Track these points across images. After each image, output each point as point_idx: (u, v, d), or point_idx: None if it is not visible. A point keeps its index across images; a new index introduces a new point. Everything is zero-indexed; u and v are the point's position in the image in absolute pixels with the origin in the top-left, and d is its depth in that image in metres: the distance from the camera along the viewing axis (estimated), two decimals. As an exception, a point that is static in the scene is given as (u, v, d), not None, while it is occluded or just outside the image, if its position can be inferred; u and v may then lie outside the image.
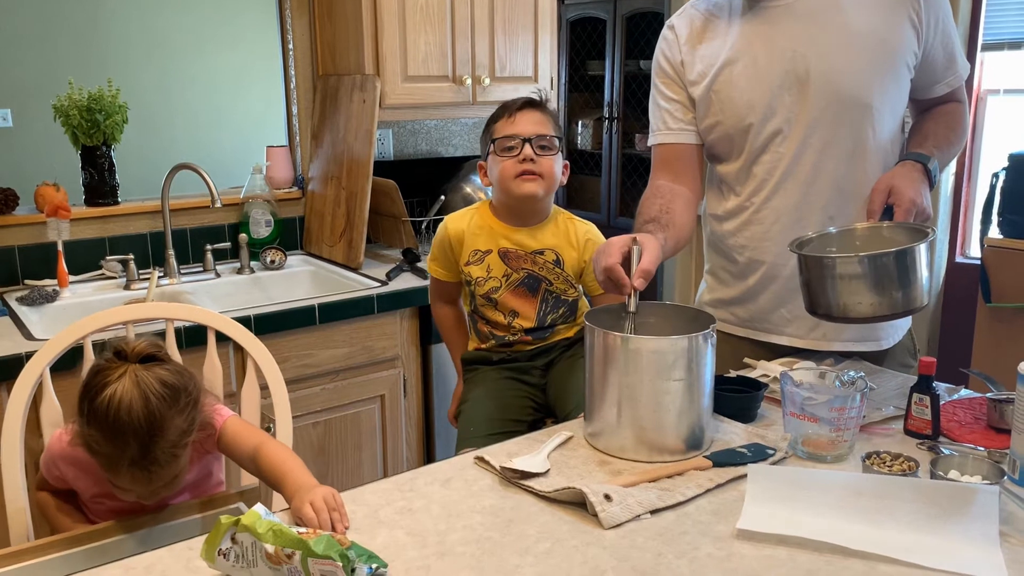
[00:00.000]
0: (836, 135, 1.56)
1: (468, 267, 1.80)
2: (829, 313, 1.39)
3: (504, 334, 1.82)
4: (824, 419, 1.29)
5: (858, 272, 1.33)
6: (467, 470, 1.30)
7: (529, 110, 1.75)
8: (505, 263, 1.78)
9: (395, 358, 2.42)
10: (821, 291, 1.38)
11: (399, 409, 2.44)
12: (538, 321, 1.79)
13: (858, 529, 1.10)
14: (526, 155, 1.71)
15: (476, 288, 1.80)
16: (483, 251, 1.80)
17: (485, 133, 1.81)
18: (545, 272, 1.78)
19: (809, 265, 1.40)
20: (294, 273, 2.70)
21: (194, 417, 1.29)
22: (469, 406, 1.79)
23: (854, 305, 1.35)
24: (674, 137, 1.69)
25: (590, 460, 1.33)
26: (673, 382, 1.29)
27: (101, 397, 1.21)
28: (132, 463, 1.22)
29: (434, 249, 1.88)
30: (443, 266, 1.88)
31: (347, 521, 1.14)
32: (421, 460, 2.52)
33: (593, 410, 1.37)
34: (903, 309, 1.35)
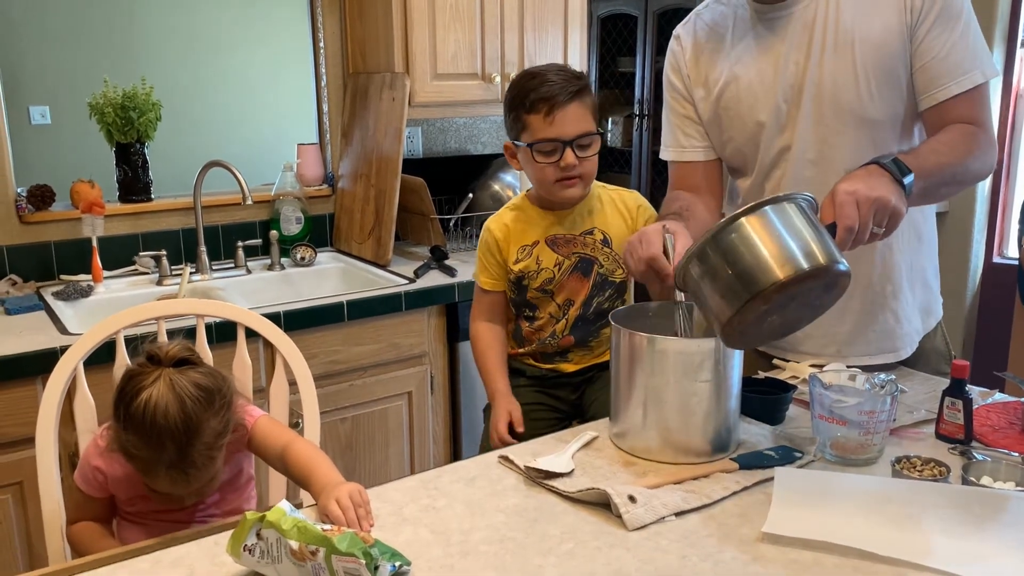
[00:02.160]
0: (842, 150, 1.52)
1: (518, 264, 1.72)
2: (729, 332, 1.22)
3: (548, 335, 1.73)
4: (853, 422, 1.28)
5: (699, 273, 1.23)
6: (491, 469, 1.31)
7: (568, 105, 1.59)
8: (554, 250, 1.71)
9: (422, 355, 2.42)
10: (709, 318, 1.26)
11: (426, 406, 2.45)
12: (584, 307, 1.72)
13: (886, 534, 1.08)
14: (568, 162, 1.60)
15: (530, 282, 1.71)
16: (530, 244, 1.72)
17: (513, 112, 1.65)
18: (596, 252, 1.71)
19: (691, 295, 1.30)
20: (323, 270, 2.72)
21: (228, 418, 1.30)
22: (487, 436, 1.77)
23: (721, 312, 1.20)
24: (687, 155, 1.68)
25: (615, 461, 1.32)
26: (700, 383, 1.28)
27: (137, 402, 1.22)
28: (170, 466, 1.24)
29: (480, 259, 1.78)
30: (493, 274, 1.77)
31: (372, 519, 1.15)
32: (448, 457, 2.52)
33: (619, 411, 1.37)
34: (763, 287, 1.15)
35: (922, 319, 1.69)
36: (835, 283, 1.20)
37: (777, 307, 1.18)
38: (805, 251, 1.16)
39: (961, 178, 1.48)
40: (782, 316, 1.22)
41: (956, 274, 3.61)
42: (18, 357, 1.87)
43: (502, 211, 1.80)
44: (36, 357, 1.88)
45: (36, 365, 1.87)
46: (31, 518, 1.93)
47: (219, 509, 1.42)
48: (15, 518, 1.93)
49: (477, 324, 1.80)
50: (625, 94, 4.87)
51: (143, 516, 1.40)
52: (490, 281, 1.78)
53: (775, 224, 1.19)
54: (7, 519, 1.92)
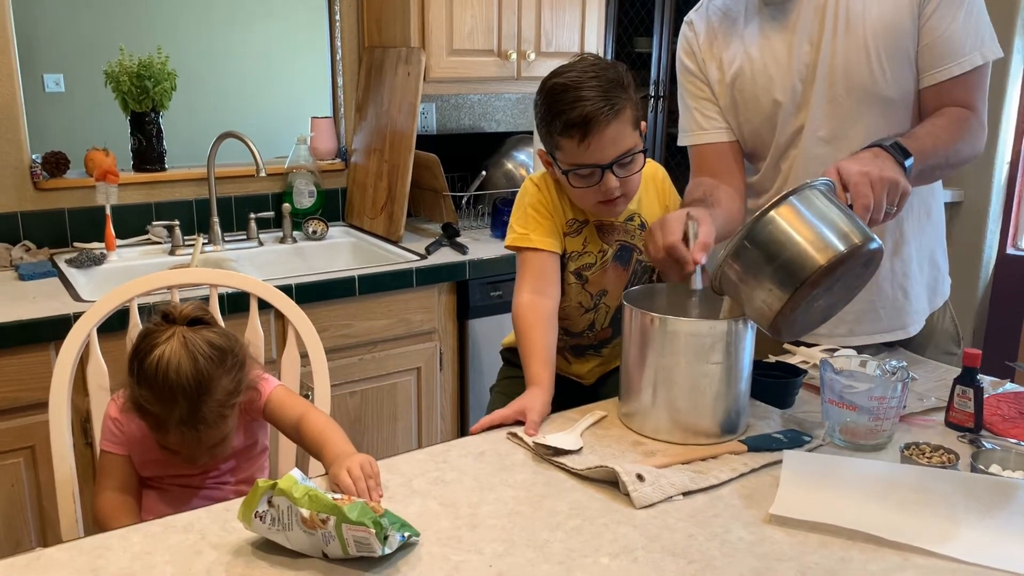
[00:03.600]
0: (856, 128, 1.53)
1: (566, 237, 1.58)
2: (777, 327, 1.24)
3: (578, 323, 1.62)
4: (863, 408, 1.28)
5: (738, 273, 1.25)
6: (500, 444, 1.31)
7: (604, 127, 1.40)
8: (600, 236, 1.60)
9: (432, 331, 2.43)
10: (751, 310, 1.27)
11: (435, 382, 2.46)
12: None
13: (893, 519, 1.09)
14: (609, 187, 1.46)
15: (569, 263, 1.59)
16: (580, 221, 1.58)
17: (544, 127, 1.47)
18: (635, 239, 1.61)
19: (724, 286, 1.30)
20: (335, 244, 2.73)
21: (240, 379, 1.32)
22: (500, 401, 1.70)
23: (772, 303, 1.21)
24: (708, 137, 1.67)
25: (623, 440, 1.32)
26: (711, 365, 1.28)
27: (151, 358, 1.24)
28: (181, 422, 1.25)
29: (530, 215, 1.55)
30: (547, 230, 1.54)
31: (381, 490, 1.16)
32: (455, 433, 2.53)
33: (629, 391, 1.37)
34: (811, 273, 1.16)
35: (929, 297, 1.71)
36: (872, 259, 1.24)
37: (823, 291, 1.20)
38: (841, 233, 1.19)
39: (953, 161, 1.52)
40: (827, 299, 1.25)
41: (969, 263, 3.60)
42: (32, 323, 1.88)
43: (547, 174, 1.59)
44: (49, 323, 1.89)
45: (49, 331, 1.89)
46: (43, 482, 1.95)
47: (233, 477, 1.44)
48: (27, 481, 1.95)
49: (520, 296, 1.53)
50: (641, 75, 4.83)
51: (159, 481, 1.41)
52: (543, 238, 1.55)
53: (805, 212, 1.21)
54: (19, 482, 1.94)
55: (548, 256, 1.56)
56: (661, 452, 1.28)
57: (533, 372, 1.44)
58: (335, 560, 1.00)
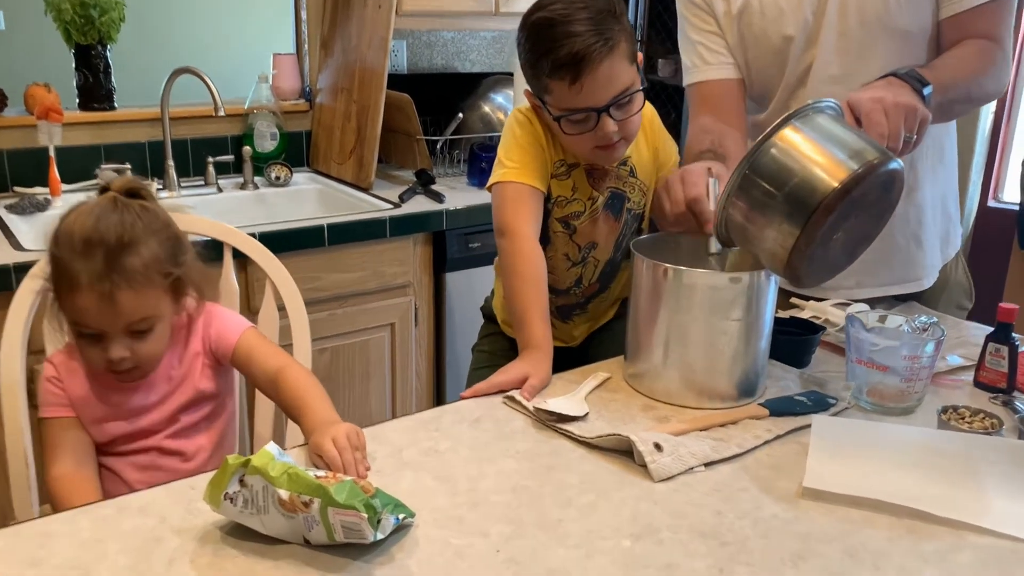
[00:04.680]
0: (868, 63, 1.41)
1: (552, 180, 1.42)
2: (795, 270, 1.11)
3: (564, 279, 1.49)
4: (895, 368, 1.17)
5: (744, 210, 1.12)
6: (496, 410, 1.18)
7: (600, 66, 1.24)
8: (590, 182, 1.44)
9: (406, 285, 2.29)
10: (762, 252, 1.14)
11: (409, 338, 2.32)
12: (615, 249, 1.50)
13: (940, 492, 0.98)
14: (606, 131, 1.30)
15: (554, 209, 1.44)
16: (569, 163, 1.42)
17: (531, 68, 1.31)
18: (626, 186, 1.46)
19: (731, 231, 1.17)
20: (300, 191, 2.55)
21: (177, 256, 1.17)
22: (479, 375, 1.50)
23: (783, 240, 1.08)
24: (713, 72, 1.53)
25: (632, 404, 1.20)
26: (730, 322, 1.16)
27: (75, 213, 1.13)
28: (97, 277, 1.09)
29: (521, 147, 1.38)
30: (537, 169, 1.37)
31: (368, 463, 1.02)
32: (431, 392, 2.40)
33: (637, 349, 1.24)
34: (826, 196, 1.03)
35: (941, 247, 1.62)
36: (892, 181, 1.10)
37: (841, 219, 1.07)
38: (854, 151, 1.07)
39: (976, 96, 1.42)
40: (847, 233, 1.11)
41: (952, 217, 3.52)
42: (-34, 274, 1.70)
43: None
44: (-13, 274, 1.71)
45: (-12, 283, 1.71)
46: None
47: (192, 438, 1.28)
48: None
49: (518, 238, 1.34)
50: (616, 19, 4.64)
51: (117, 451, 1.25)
52: (538, 178, 1.37)
53: (811, 133, 1.09)
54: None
55: (538, 194, 1.39)
56: (675, 417, 1.16)
57: (533, 332, 1.28)
58: (318, 547, 0.87)
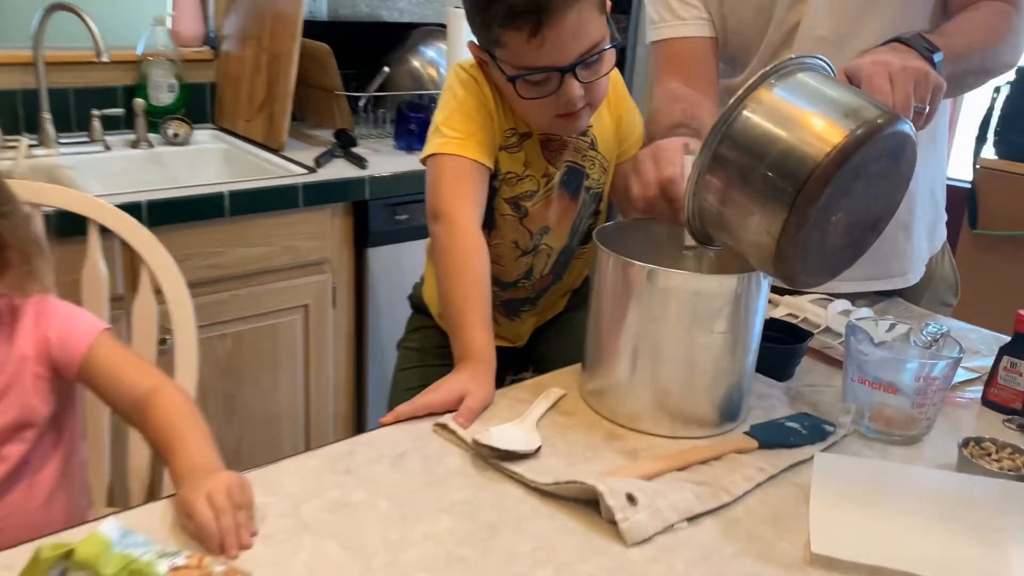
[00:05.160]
0: (862, 23, 1.24)
1: (501, 153, 1.18)
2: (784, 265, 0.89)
3: (512, 270, 1.25)
4: (906, 390, 0.97)
5: (719, 190, 0.91)
6: (426, 441, 0.95)
7: (563, 14, 1.01)
8: (546, 155, 1.20)
9: (322, 262, 2.02)
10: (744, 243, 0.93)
11: (326, 322, 2.06)
12: (571, 235, 1.30)
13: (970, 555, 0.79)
14: (571, 95, 1.06)
15: (502, 188, 1.19)
16: (521, 132, 1.18)
17: (479, 16, 1.08)
18: (584, 160, 1.23)
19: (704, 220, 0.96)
20: (202, 151, 2.25)
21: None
22: (407, 375, 1.35)
23: (767, 230, 0.87)
24: (687, 29, 1.31)
25: (593, 432, 0.98)
26: (714, 335, 0.95)
27: None
28: None
29: (460, 114, 1.13)
30: (483, 140, 1.12)
31: (254, 526, 0.78)
32: (351, 384, 2.15)
33: (599, 360, 1.02)
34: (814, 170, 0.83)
35: (928, 238, 1.45)
36: (901, 148, 0.89)
37: (839, 195, 0.85)
38: (850, 110, 0.85)
39: (990, 67, 1.24)
40: (849, 214, 0.89)
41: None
42: None
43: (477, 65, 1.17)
44: None
45: None
46: None
47: (14, 484, 1.00)
48: None
49: (454, 222, 1.10)
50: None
51: None
52: (479, 148, 1.12)
53: (796, 92, 0.89)
54: None
55: (483, 172, 1.14)
56: (646, 451, 0.95)
57: (471, 340, 1.04)
58: (177, 664, 0.63)
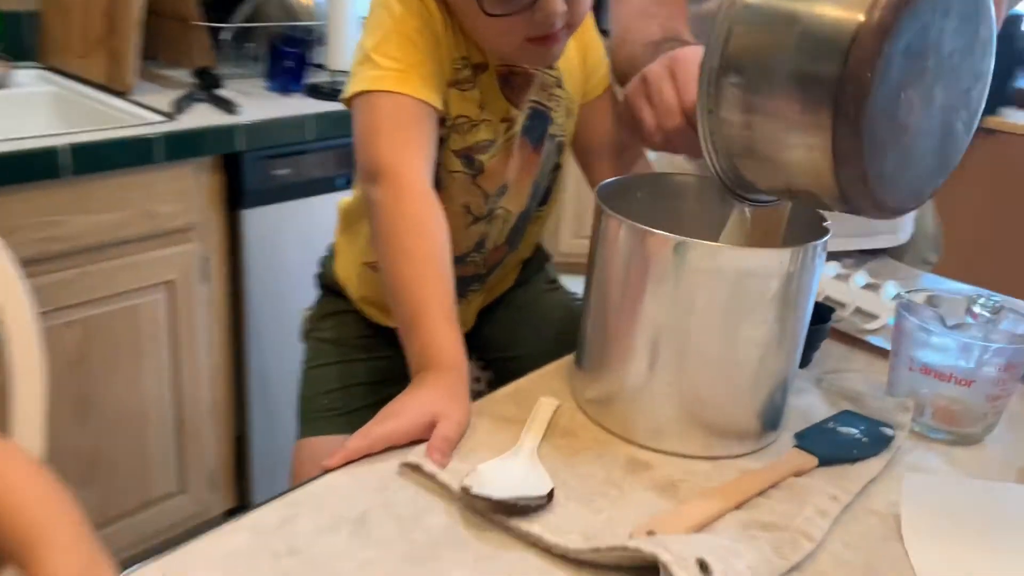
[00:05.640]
0: None
1: (451, 91, 0.90)
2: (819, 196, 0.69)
3: (462, 241, 0.98)
4: (983, 379, 0.79)
5: (737, 86, 0.68)
6: (394, 491, 0.68)
7: None
8: (506, 92, 0.94)
9: (188, 228, 1.67)
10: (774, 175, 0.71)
11: (196, 300, 1.72)
12: (531, 196, 1.03)
13: None
14: (549, 9, 0.82)
15: (452, 138, 0.92)
16: (475, 63, 0.91)
17: None
18: (551, 102, 0.98)
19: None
20: (26, 96, 1.83)
21: None
22: (322, 373, 1.07)
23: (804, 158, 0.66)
24: None
25: (609, 457, 0.75)
26: (761, 326, 0.73)
27: None
28: None
29: (399, 37, 0.85)
30: (430, 73, 0.85)
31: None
32: (230, 372, 1.83)
33: (604, 360, 0.79)
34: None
35: None
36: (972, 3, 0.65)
37: (903, 57, 0.60)
38: None
39: None
40: (922, 96, 0.64)
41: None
42: None
43: None
44: None
45: None
46: None
47: None
48: None
49: (400, 181, 0.82)
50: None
51: None
52: (424, 84, 0.84)
53: None
54: None
55: (432, 115, 0.86)
56: (684, 481, 0.72)
57: (435, 338, 0.77)
58: None
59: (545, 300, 1.17)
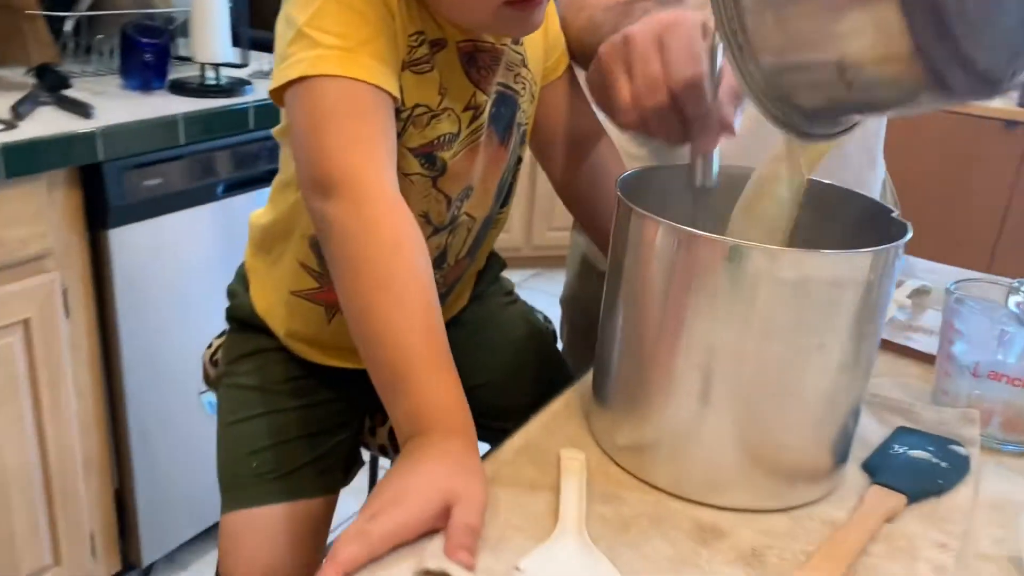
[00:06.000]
0: None
1: (405, 74, 0.72)
2: None
3: None
4: (1058, 383, 0.68)
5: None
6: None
7: None
8: (471, 76, 0.77)
9: (44, 255, 1.40)
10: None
11: (58, 338, 1.45)
12: (496, 197, 0.86)
13: None
14: None
15: (408, 132, 0.73)
16: (432, 40, 0.73)
17: None
18: (517, 84, 0.82)
19: None
20: None
21: None
22: (246, 429, 0.87)
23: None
24: None
25: (669, 525, 0.59)
26: (836, 345, 0.59)
27: None
28: None
29: (343, 9, 0.66)
30: (384, 51, 0.67)
31: None
32: (103, 417, 1.56)
33: (638, 397, 0.63)
34: None
35: (881, 165, 1.23)
36: None
37: None
38: None
39: None
40: None
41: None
42: None
43: None
44: None
45: None
46: None
47: None
48: None
49: (351, 205, 0.63)
50: None
51: None
52: (378, 69, 0.66)
53: None
54: None
55: (389, 105, 0.67)
56: (770, 548, 0.58)
57: (431, 393, 0.59)
58: None
59: (504, 317, 1.01)
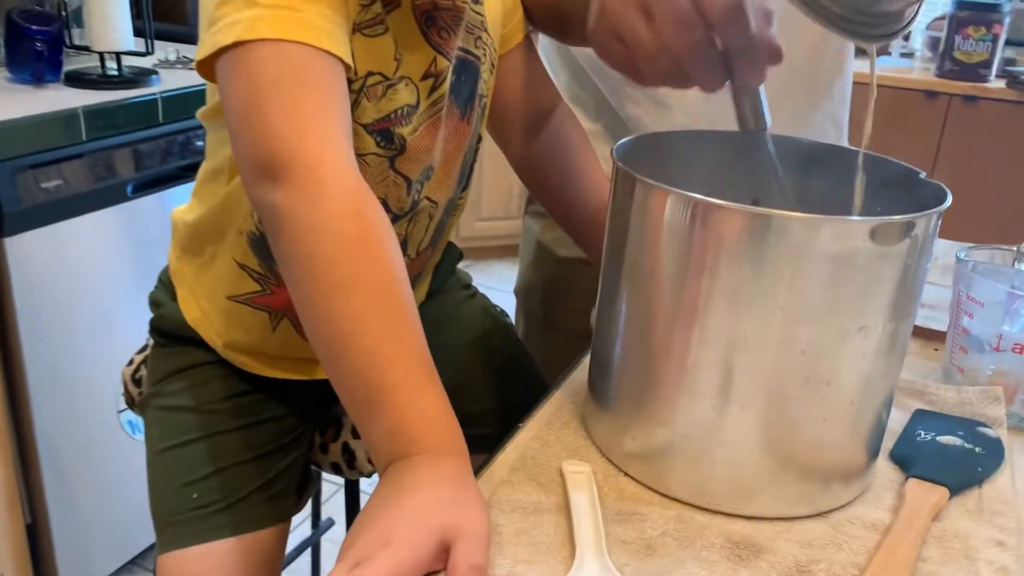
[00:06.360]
0: None
1: (356, 38, 0.61)
2: None
3: None
4: (1087, 354, 0.63)
5: None
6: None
7: None
8: (431, 39, 0.66)
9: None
10: None
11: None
12: (459, 178, 0.76)
13: None
14: None
15: (362, 105, 0.63)
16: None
17: None
18: (478, 50, 0.72)
19: None
20: None
21: None
22: (182, 456, 0.75)
23: None
24: None
25: (700, 544, 0.51)
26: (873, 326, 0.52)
27: None
28: None
29: None
30: (330, 11, 0.55)
31: None
32: (8, 447, 1.40)
33: (651, 394, 0.55)
34: None
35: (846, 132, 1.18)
36: None
37: None
38: None
39: None
40: None
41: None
42: None
43: None
44: None
45: None
46: None
47: None
48: None
49: (303, 189, 0.52)
50: None
51: None
52: (326, 31, 0.55)
53: None
54: None
55: (340, 72, 0.56)
56: (815, 562, 0.50)
57: (419, 407, 0.51)
58: None
59: (464, 312, 0.92)
